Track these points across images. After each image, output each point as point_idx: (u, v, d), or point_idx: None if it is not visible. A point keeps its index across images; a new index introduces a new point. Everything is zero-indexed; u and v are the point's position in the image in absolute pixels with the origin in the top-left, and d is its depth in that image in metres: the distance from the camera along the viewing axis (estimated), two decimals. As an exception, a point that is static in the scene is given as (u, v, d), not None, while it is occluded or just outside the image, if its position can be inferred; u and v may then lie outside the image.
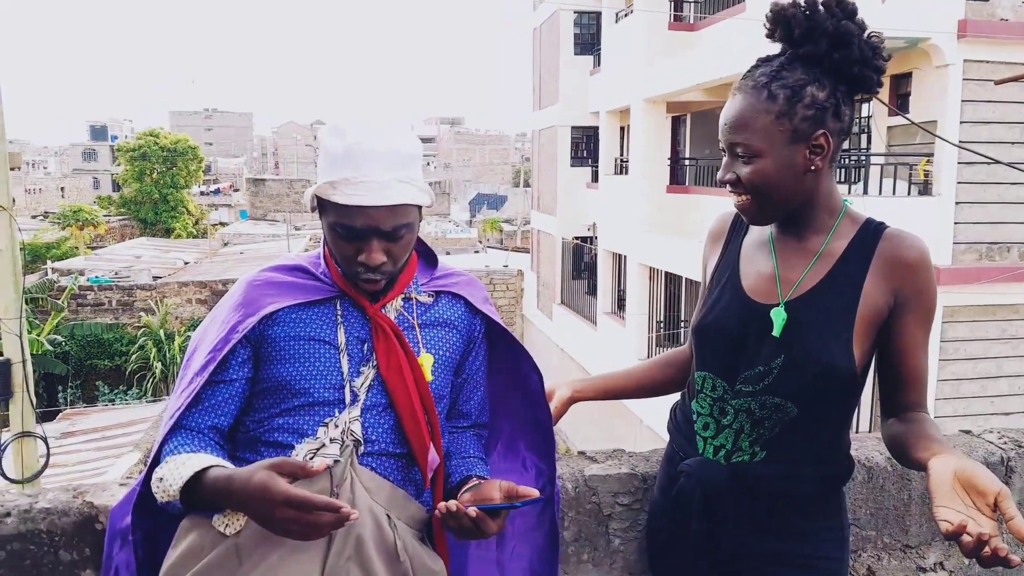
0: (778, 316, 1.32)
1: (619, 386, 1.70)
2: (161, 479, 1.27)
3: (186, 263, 22.58)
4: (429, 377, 1.39)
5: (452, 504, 1.25)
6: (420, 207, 1.37)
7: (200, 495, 1.24)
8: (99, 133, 67.67)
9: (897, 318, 1.30)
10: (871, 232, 1.34)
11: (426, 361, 1.41)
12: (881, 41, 1.29)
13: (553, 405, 1.65)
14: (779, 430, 1.34)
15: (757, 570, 1.39)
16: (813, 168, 1.29)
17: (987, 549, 1.00)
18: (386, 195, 1.28)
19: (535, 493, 1.28)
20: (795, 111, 1.26)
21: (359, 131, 1.31)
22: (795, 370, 1.31)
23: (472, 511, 1.24)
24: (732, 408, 1.37)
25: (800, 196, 1.32)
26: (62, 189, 51.17)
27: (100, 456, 8.98)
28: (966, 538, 1.00)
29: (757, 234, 1.45)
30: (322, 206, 1.33)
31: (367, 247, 1.30)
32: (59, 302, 15.15)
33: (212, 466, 1.25)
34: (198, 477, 1.24)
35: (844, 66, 1.26)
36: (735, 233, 1.49)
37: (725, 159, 1.34)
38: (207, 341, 1.38)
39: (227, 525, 1.26)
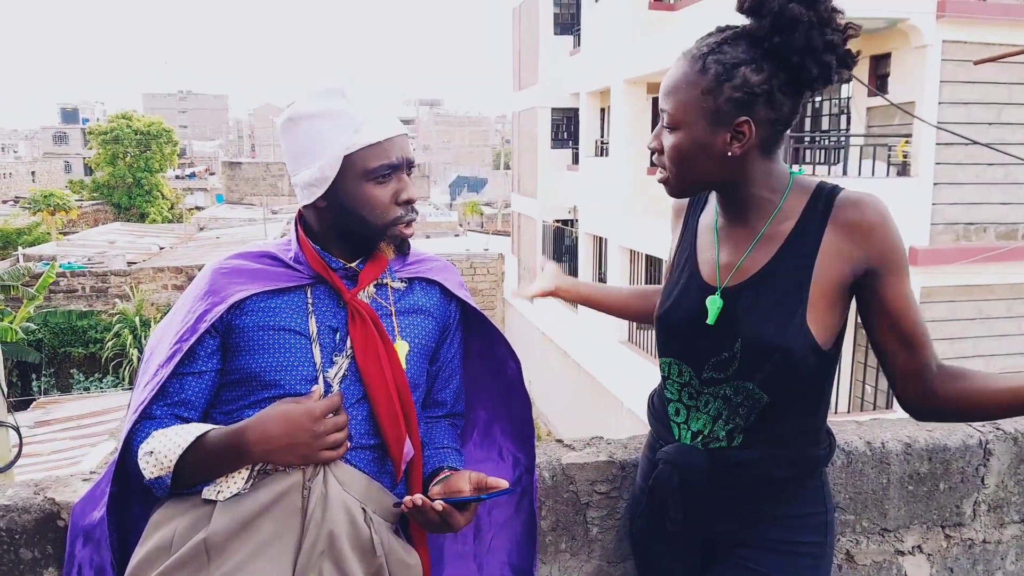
0: (713, 304, 1.29)
1: (598, 298, 1.73)
2: (151, 452, 1.23)
3: (161, 248, 22.29)
4: (404, 365, 1.35)
5: (417, 498, 1.22)
6: None
7: (196, 462, 1.21)
8: (70, 116, 66.34)
9: (875, 283, 1.24)
10: (823, 200, 1.26)
11: (401, 349, 1.37)
12: (845, 34, 1.19)
13: (533, 288, 1.71)
14: (755, 417, 1.31)
15: (739, 557, 1.37)
16: (730, 154, 1.23)
17: None
18: (398, 124, 1.33)
19: (503, 484, 1.26)
20: (721, 90, 1.19)
21: (350, 83, 1.32)
22: (754, 355, 1.27)
23: (438, 505, 1.21)
24: (707, 394, 1.34)
25: (722, 177, 1.26)
26: (33, 173, 50.16)
27: (75, 445, 8.87)
28: None
29: (710, 218, 1.39)
30: (344, 169, 1.28)
31: (402, 183, 1.32)
32: (32, 290, 14.87)
33: (210, 430, 1.23)
34: (198, 442, 1.21)
35: (784, 52, 1.18)
36: (693, 211, 1.44)
37: (658, 126, 1.30)
38: (172, 332, 1.32)
39: (220, 492, 1.23)
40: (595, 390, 12.60)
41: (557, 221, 16.28)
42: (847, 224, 1.23)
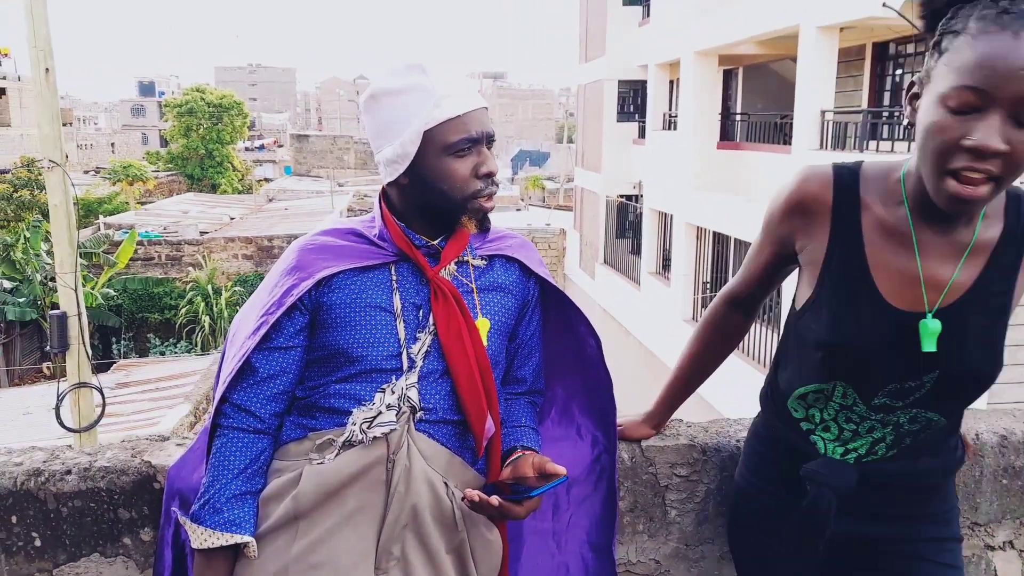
0: (928, 329, 1.11)
1: (685, 388, 1.60)
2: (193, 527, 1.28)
3: (232, 219, 22.97)
4: (485, 342, 1.36)
5: (475, 494, 1.22)
6: None
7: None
8: (147, 89, 68.68)
9: None
10: (1022, 205, 1.13)
11: (482, 326, 1.37)
12: None
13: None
14: (922, 439, 1.24)
15: (903, 553, 1.30)
16: None
17: None
18: (478, 97, 1.32)
19: (561, 472, 1.27)
20: None
21: (428, 60, 1.31)
22: (952, 384, 1.16)
23: (495, 500, 1.22)
24: (873, 420, 1.23)
25: None
26: (112, 145, 52.13)
27: (153, 406, 9.28)
28: None
29: (882, 217, 1.16)
30: (424, 144, 1.28)
31: (482, 156, 1.31)
32: (112, 257, 15.54)
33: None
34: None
35: None
36: (846, 211, 1.18)
37: (994, 120, 0.97)
38: (258, 307, 1.34)
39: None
40: (657, 369, 12.48)
41: (621, 196, 16.08)
42: None
